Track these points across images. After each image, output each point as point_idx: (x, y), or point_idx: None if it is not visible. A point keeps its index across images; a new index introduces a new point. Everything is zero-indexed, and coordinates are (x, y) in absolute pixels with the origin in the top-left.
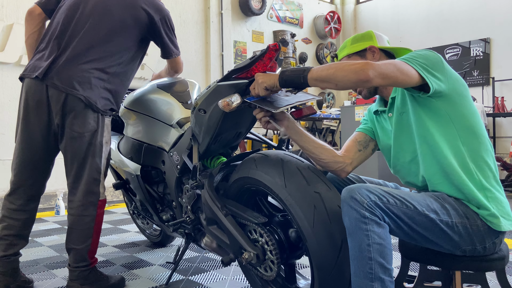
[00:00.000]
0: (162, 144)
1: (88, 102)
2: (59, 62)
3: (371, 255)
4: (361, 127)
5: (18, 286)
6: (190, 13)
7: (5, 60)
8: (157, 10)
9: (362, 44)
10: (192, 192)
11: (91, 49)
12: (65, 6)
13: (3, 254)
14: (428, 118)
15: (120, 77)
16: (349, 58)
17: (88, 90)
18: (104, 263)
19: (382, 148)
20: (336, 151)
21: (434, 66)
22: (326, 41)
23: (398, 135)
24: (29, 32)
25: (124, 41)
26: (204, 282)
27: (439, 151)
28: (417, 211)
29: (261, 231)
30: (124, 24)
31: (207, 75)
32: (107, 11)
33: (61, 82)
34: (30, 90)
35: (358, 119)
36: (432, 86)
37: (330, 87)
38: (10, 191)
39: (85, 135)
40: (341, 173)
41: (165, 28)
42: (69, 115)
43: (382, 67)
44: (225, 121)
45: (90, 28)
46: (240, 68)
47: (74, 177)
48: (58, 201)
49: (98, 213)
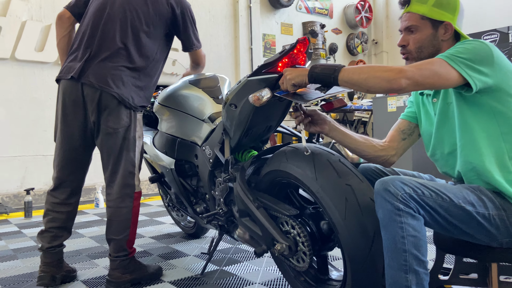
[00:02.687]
0: (195, 139)
1: (121, 99)
2: (92, 62)
3: (406, 247)
4: (405, 112)
5: (63, 275)
6: (219, 8)
7: (45, 60)
8: (179, 2)
9: (443, 14)
10: (224, 185)
11: (121, 48)
12: (93, 8)
13: (49, 245)
14: (471, 113)
15: (149, 73)
16: (421, 20)
17: (121, 87)
18: (142, 253)
19: (423, 133)
20: (378, 144)
21: (482, 61)
22: (357, 30)
23: (440, 125)
24: (60, 36)
25: (151, 38)
26: (238, 272)
27: (477, 148)
28: (453, 203)
29: (293, 223)
30: (150, 21)
31: (237, 69)
32: (133, 10)
33: (96, 79)
34: (67, 90)
35: (391, 110)
36: (476, 85)
37: (361, 91)
38: (53, 187)
39: (119, 131)
40: (386, 164)
41: (186, 20)
42: (104, 112)
43: (417, 74)
44: (256, 115)
45: (118, 28)
46: (269, 63)
47: (110, 171)
48: (97, 194)
49: (135, 205)
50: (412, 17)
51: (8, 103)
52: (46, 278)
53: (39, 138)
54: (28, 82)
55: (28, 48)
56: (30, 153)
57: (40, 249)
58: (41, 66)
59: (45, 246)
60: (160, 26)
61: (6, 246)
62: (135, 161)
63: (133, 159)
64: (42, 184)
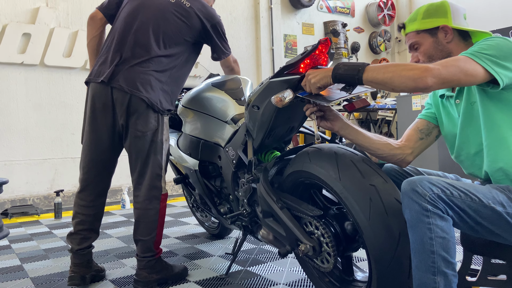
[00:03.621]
0: (218, 140)
1: (150, 103)
2: (123, 66)
3: (434, 249)
4: (423, 113)
5: (92, 275)
6: (240, 9)
7: (72, 65)
8: (210, 17)
9: (434, 21)
10: (248, 186)
11: (150, 54)
12: (124, 13)
13: (78, 247)
14: (498, 110)
15: (176, 78)
16: (417, 35)
17: (150, 92)
18: (168, 254)
19: (446, 135)
20: (393, 142)
21: (507, 57)
22: (380, 29)
23: (465, 125)
24: (91, 36)
25: (179, 46)
26: (262, 273)
27: (504, 147)
28: (483, 203)
29: (317, 224)
30: (179, 31)
31: (258, 70)
32: (164, 19)
33: (126, 84)
34: (96, 93)
35: (415, 108)
36: (503, 81)
37: (385, 90)
38: (80, 189)
39: (147, 134)
40: (401, 164)
41: (216, 34)
42: (133, 115)
43: (443, 72)
44: (278, 116)
45: (149, 35)
46: (291, 64)
47: (138, 173)
48: (123, 195)
49: (161, 207)
50: (410, 36)
51: (38, 108)
52: (77, 279)
53: (67, 141)
54: (56, 87)
55: (56, 54)
56: (59, 156)
57: (70, 250)
58: (69, 72)
59: (75, 248)
60: (190, 36)
61: (37, 246)
62: (162, 163)
63: (160, 161)
64: (71, 186)
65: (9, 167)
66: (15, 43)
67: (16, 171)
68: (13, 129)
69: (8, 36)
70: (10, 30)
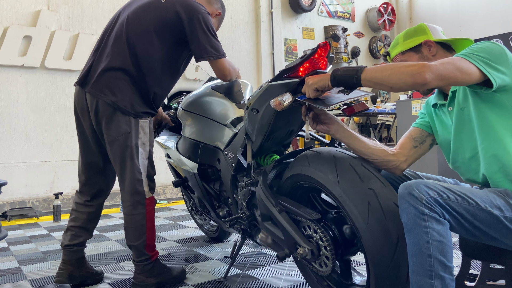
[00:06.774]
0: (217, 143)
1: (117, 106)
2: (94, 69)
3: (431, 253)
4: (417, 122)
5: (82, 276)
6: (240, 14)
7: (73, 68)
8: (188, 10)
9: (416, 40)
10: (247, 189)
11: (122, 55)
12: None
13: (67, 243)
14: (492, 112)
15: (157, 79)
16: (403, 55)
17: (117, 94)
18: (166, 257)
19: (441, 143)
20: (388, 149)
21: (498, 59)
22: (380, 34)
23: (458, 131)
24: None
25: (153, 45)
26: (261, 276)
27: (501, 148)
28: (480, 207)
29: (315, 227)
30: (151, 29)
31: (259, 74)
32: (137, 18)
33: (93, 88)
34: (76, 97)
35: (415, 113)
36: (496, 82)
37: (384, 89)
38: (78, 189)
39: (119, 139)
40: (395, 171)
41: (196, 27)
42: (102, 120)
43: (440, 68)
44: (277, 119)
45: (121, 36)
46: (291, 68)
47: (119, 179)
48: None
49: (148, 211)
50: (396, 59)
51: (38, 110)
52: (63, 276)
53: (67, 144)
54: (57, 89)
55: (57, 57)
56: (59, 159)
57: (61, 245)
58: (69, 74)
59: (64, 243)
60: (167, 33)
61: (36, 248)
62: (140, 168)
63: (138, 166)
64: (70, 188)
65: (9, 169)
66: (16, 46)
67: (16, 173)
68: (13, 131)
69: (9, 39)
70: (11, 33)
